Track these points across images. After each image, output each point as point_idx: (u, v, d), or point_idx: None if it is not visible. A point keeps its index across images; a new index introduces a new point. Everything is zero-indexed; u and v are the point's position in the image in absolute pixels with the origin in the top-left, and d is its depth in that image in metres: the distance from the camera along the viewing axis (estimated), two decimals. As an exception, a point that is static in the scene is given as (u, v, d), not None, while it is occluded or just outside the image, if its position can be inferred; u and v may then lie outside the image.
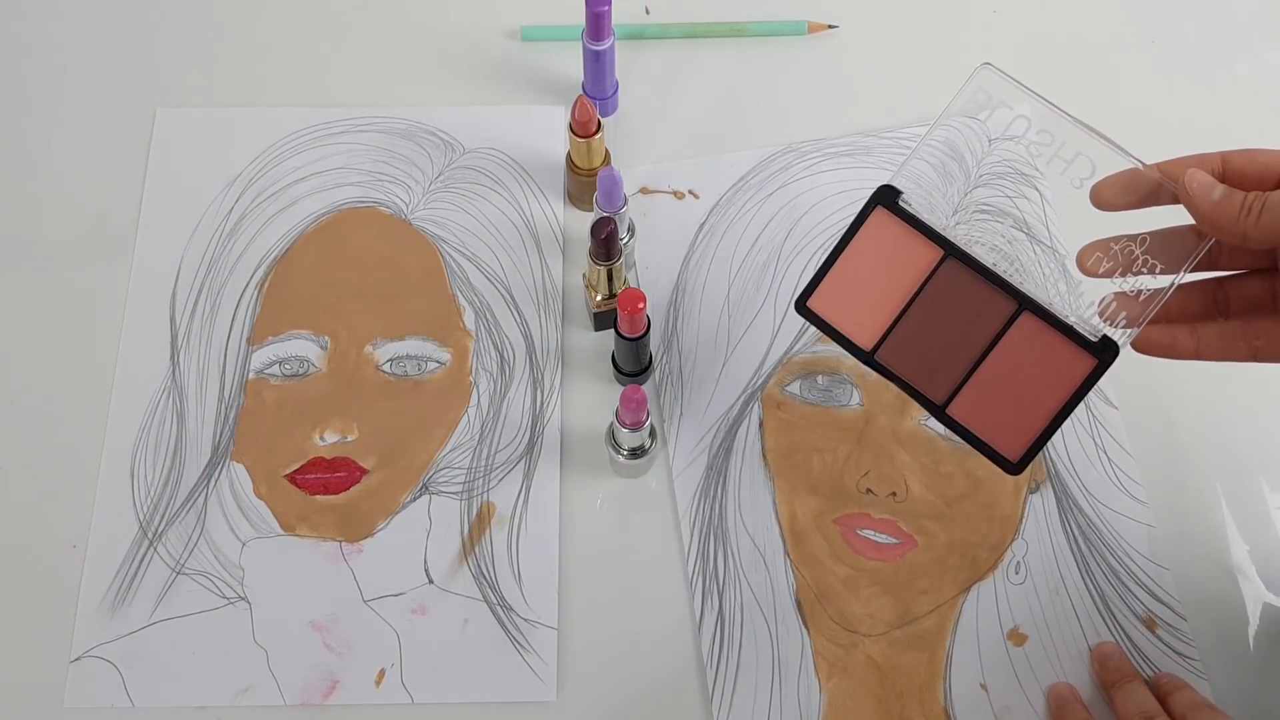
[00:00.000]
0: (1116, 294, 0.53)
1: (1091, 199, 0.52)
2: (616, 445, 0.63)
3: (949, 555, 0.64)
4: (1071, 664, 0.62)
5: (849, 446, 0.66)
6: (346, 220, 0.72)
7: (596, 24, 0.68)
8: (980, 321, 0.55)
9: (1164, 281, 0.52)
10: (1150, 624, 0.62)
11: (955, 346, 0.55)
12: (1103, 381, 0.67)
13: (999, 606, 0.63)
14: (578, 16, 0.69)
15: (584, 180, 0.70)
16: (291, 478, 0.65)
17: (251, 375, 0.68)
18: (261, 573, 0.63)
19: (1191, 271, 0.52)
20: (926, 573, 0.63)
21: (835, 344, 0.57)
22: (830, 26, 0.78)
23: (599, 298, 0.67)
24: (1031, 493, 0.65)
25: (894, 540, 0.64)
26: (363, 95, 0.76)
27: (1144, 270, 0.52)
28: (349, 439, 0.66)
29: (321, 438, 0.66)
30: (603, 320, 0.68)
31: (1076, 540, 0.64)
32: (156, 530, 0.64)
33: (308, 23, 0.79)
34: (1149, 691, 0.58)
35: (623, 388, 0.61)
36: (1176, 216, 0.52)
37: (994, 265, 0.55)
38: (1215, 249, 0.52)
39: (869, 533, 0.64)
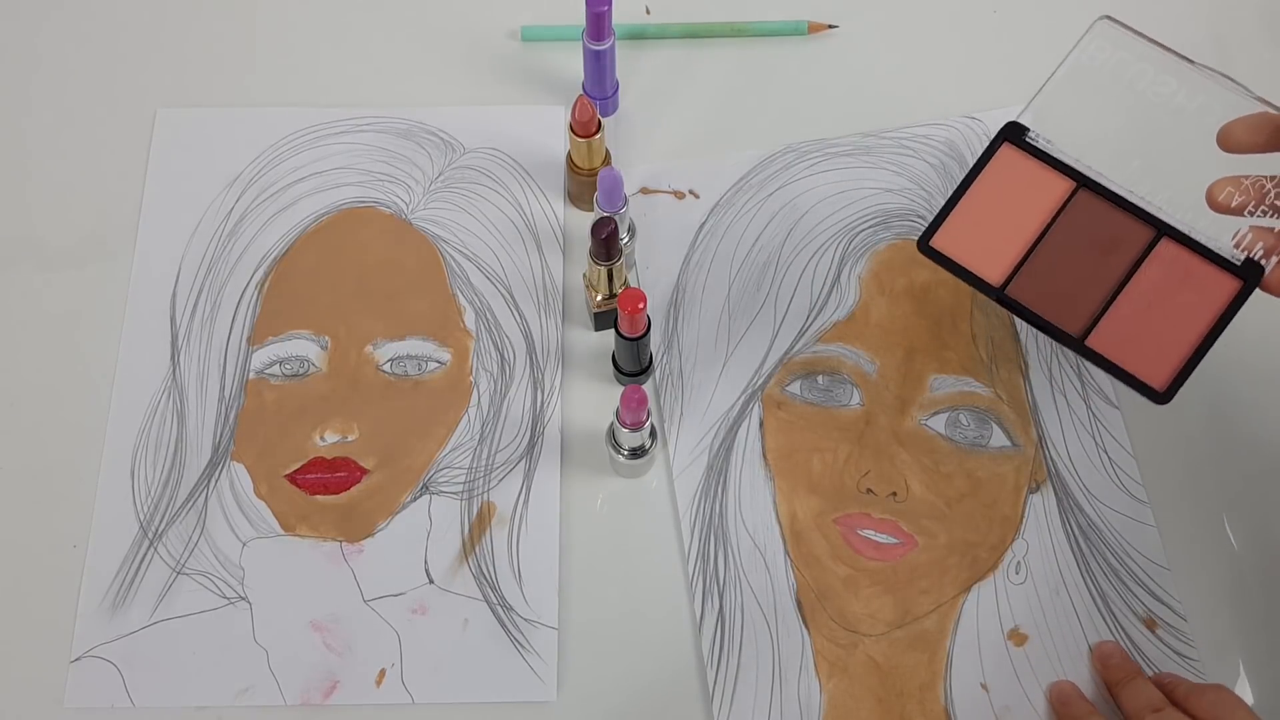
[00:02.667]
0: (1253, 227, 0.52)
1: (1219, 138, 0.52)
2: (617, 445, 0.63)
3: (949, 555, 0.64)
4: (1072, 664, 0.62)
5: (849, 446, 0.66)
6: (346, 220, 0.72)
7: (597, 24, 0.68)
8: (1117, 250, 0.55)
9: None
10: (1150, 624, 0.62)
11: (1091, 277, 0.55)
12: (1102, 380, 0.68)
13: (999, 606, 0.63)
14: (578, 16, 0.69)
15: (584, 180, 0.70)
16: (292, 478, 0.65)
17: (252, 375, 0.68)
18: (262, 573, 0.63)
19: None
20: (927, 573, 0.63)
21: (837, 348, 0.57)
22: (830, 26, 0.78)
23: (599, 298, 0.67)
24: (1032, 492, 0.65)
25: (894, 540, 0.64)
26: (363, 95, 0.76)
27: (1275, 205, 0.51)
28: (349, 439, 0.66)
29: (322, 438, 0.66)
30: (603, 320, 0.68)
31: (1077, 540, 0.64)
32: (157, 530, 0.64)
33: (308, 23, 0.79)
34: (1154, 686, 0.58)
35: (623, 388, 0.61)
36: None
37: (1128, 194, 0.55)
38: None
39: (869, 533, 0.64)
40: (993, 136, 0.60)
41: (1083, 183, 0.56)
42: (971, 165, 0.57)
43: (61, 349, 0.68)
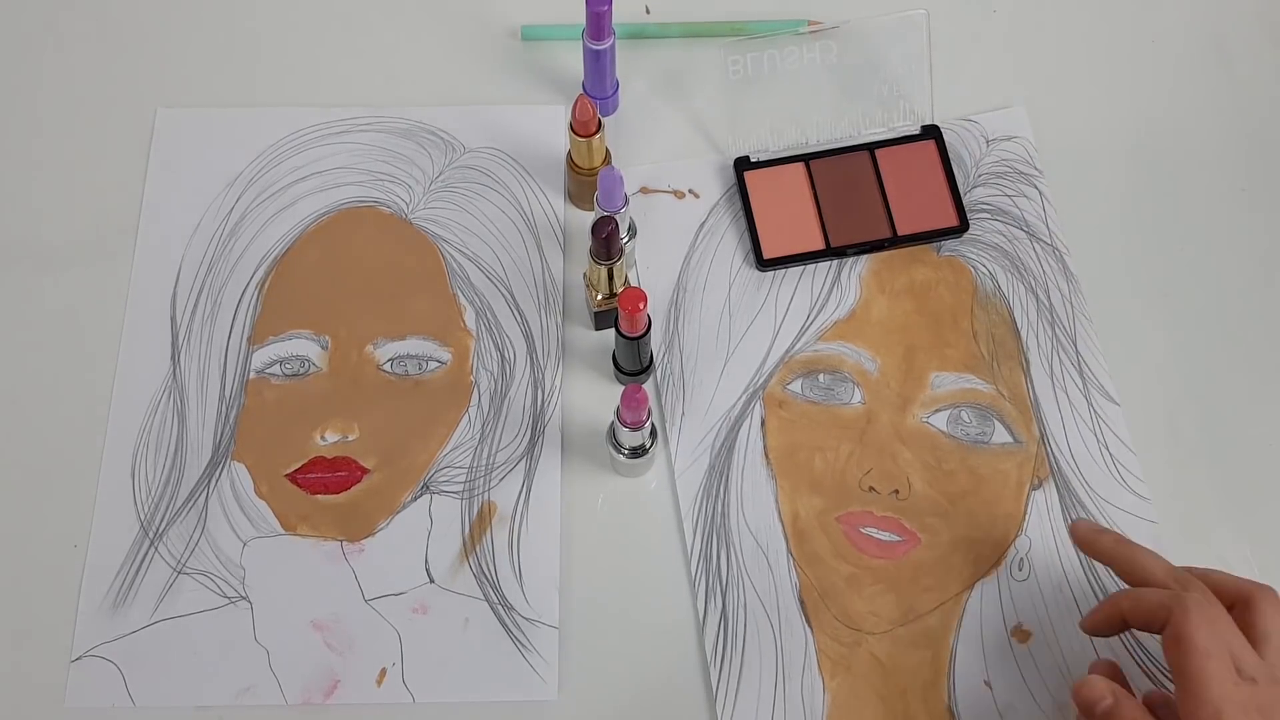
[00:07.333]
0: None
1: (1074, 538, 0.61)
2: (617, 444, 0.63)
3: (952, 552, 0.63)
4: (1075, 661, 0.61)
5: (851, 445, 0.66)
6: (347, 220, 0.72)
7: (597, 23, 0.68)
8: (861, 176, 0.72)
9: None
10: (1153, 621, 0.62)
11: (864, 200, 0.72)
12: (1104, 378, 0.68)
13: (1002, 604, 0.63)
14: (578, 16, 0.69)
15: (584, 179, 0.70)
16: (292, 477, 0.65)
17: (252, 375, 0.68)
18: (262, 572, 0.63)
19: None
20: (930, 570, 0.63)
21: (838, 346, 0.57)
22: (829, 26, 0.77)
23: (599, 297, 0.66)
24: (1034, 489, 0.65)
25: (897, 538, 0.64)
26: (363, 95, 0.76)
27: None
28: (350, 438, 0.66)
29: (322, 437, 0.66)
30: (603, 319, 0.68)
31: (1079, 537, 0.64)
32: (157, 530, 0.64)
33: (308, 23, 0.79)
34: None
35: (623, 387, 0.61)
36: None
37: (833, 142, 0.73)
38: None
39: (872, 530, 0.64)
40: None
41: (806, 158, 0.72)
42: (740, 194, 0.73)
43: (61, 349, 0.68)
